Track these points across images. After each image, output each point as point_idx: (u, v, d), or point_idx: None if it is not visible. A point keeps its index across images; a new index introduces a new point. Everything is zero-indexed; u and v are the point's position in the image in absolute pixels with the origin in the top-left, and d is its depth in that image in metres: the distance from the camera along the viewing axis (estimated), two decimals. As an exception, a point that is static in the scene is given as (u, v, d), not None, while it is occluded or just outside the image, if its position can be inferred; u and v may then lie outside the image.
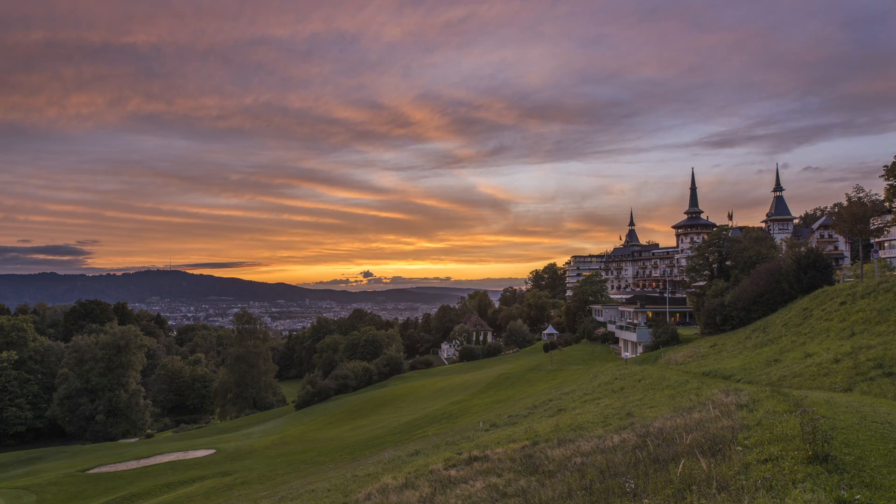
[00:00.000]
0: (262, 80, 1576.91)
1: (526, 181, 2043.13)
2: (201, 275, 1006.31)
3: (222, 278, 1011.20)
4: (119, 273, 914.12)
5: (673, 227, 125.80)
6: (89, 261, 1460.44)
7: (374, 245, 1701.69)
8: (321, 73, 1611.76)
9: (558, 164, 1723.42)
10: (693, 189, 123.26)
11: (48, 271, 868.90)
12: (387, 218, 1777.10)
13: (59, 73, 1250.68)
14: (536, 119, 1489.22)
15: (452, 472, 14.75)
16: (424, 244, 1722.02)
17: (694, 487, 8.08)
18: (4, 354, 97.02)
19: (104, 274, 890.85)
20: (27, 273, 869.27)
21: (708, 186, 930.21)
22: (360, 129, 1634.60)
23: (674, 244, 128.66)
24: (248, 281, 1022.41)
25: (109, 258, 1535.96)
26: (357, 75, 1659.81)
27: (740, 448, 9.41)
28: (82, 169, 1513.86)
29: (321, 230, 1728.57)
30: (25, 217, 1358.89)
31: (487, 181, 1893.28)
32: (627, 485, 9.17)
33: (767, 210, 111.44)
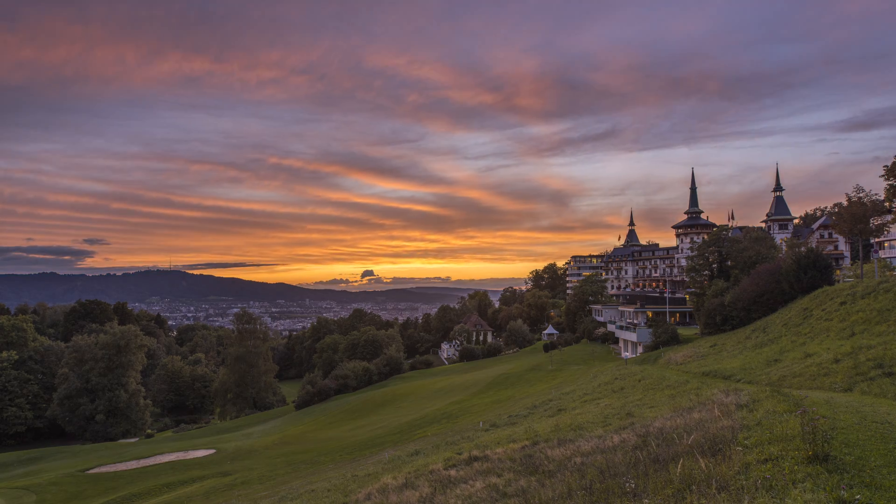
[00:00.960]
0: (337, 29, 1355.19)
1: (610, 170, 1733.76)
2: (201, 275, 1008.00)
3: (222, 278, 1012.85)
4: (119, 273, 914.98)
5: (673, 227, 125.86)
6: (89, 261, 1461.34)
7: (393, 243, 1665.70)
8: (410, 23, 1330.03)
9: (663, 151, 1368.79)
10: (693, 189, 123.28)
11: (48, 271, 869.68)
12: (422, 213, 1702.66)
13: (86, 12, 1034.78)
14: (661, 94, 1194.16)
15: (452, 472, 14.75)
16: (452, 241, 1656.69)
17: (694, 487, 8.08)
18: (4, 354, 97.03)
19: (104, 274, 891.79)
20: (27, 273, 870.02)
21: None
22: (444, 106, 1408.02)
23: (673, 244, 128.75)
24: (248, 281, 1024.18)
25: (110, 257, 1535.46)
26: (453, 36, 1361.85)
27: (740, 448, 9.41)
28: (91, 152, 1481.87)
29: (344, 225, 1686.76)
30: (27, 209, 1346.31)
31: (566, 171, 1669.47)
32: (627, 485, 9.17)
33: (767, 210, 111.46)
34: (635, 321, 71.35)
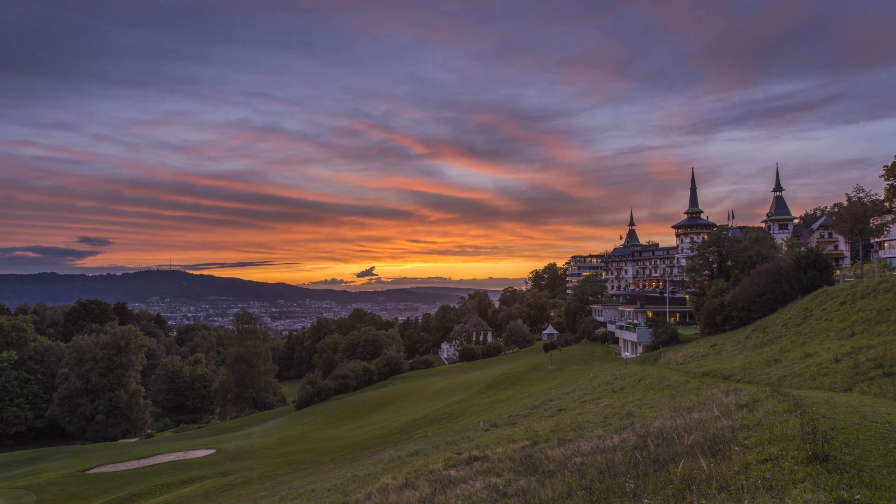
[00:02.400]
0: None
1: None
2: (201, 275, 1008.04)
3: (222, 278, 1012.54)
4: (119, 273, 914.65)
5: (673, 227, 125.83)
6: (89, 260, 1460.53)
7: (439, 238, 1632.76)
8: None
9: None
10: (693, 189, 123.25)
11: (48, 271, 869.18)
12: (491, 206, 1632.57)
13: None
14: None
15: (452, 472, 14.75)
16: (500, 238, 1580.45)
17: (694, 487, 8.08)
18: (4, 354, 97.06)
19: (104, 274, 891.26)
20: (27, 273, 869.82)
21: None
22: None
23: (673, 244, 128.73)
24: (248, 281, 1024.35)
25: (110, 257, 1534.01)
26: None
27: (740, 448, 9.41)
28: (92, 151, 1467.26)
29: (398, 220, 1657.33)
30: (27, 209, 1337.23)
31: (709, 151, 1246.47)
32: (627, 485, 9.17)
33: (767, 210, 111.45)
34: (635, 321, 71.34)
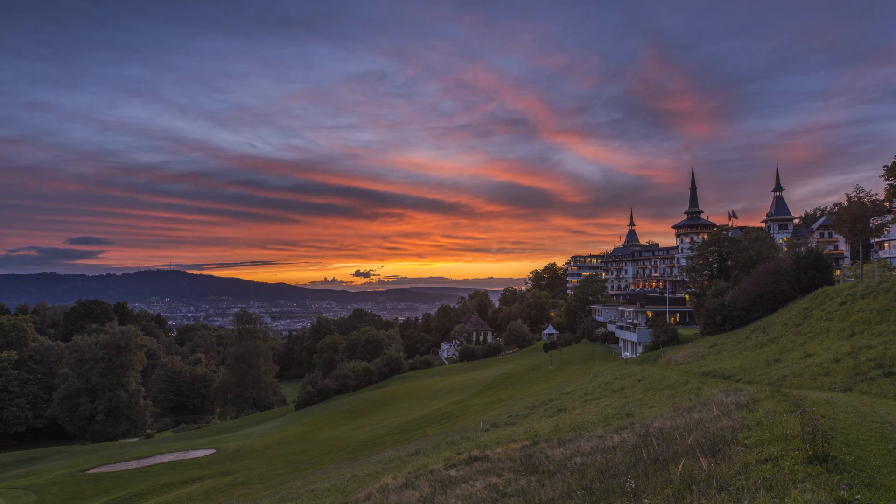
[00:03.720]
0: None
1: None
2: (201, 275, 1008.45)
3: (222, 278, 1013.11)
4: (119, 273, 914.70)
5: (673, 227, 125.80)
6: (90, 261, 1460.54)
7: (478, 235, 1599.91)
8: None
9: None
10: (693, 189, 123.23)
11: (48, 271, 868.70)
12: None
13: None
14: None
15: (452, 472, 14.75)
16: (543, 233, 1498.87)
17: (694, 487, 8.09)
18: (4, 354, 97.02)
19: (104, 274, 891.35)
20: (27, 273, 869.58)
21: None
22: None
23: (673, 244, 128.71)
24: (248, 281, 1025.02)
25: (110, 257, 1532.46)
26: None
27: (740, 448, 9.41)
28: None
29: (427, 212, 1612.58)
30: (27, 210, 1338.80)
31: None
32: (627, 485, 9.17)
33: (767, 210, 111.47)
34: (635, 321, 71.34)
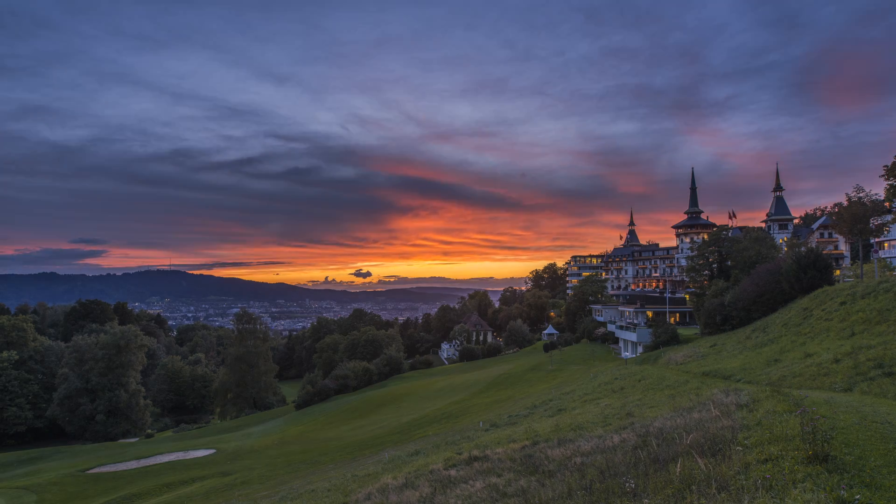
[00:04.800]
0: None
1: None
2: (201, 275, 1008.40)
3: (222, 278, 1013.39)
4: (119, 273, 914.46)
5: (673, 227, 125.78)
6: (89, 261, 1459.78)
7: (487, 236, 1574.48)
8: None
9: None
10: (693, 189, 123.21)
11: (48, 271, 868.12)
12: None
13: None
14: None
15: (452, 472, 14.75)
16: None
17: (694, 487, 8.09)
18: (5, 354, 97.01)
19: (104, 274, 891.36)
20: (27, 273, 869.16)
21: None
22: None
23: (673, 244, 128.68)
24: (248, 281, 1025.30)
25: (110, 257, 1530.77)
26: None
27: (740, 448, 9.41)
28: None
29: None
30: (27, 209, 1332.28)
31: None
32: (627, 485, 9.18)
33: (767, 210, 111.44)
34: (635, 321, 71.33)
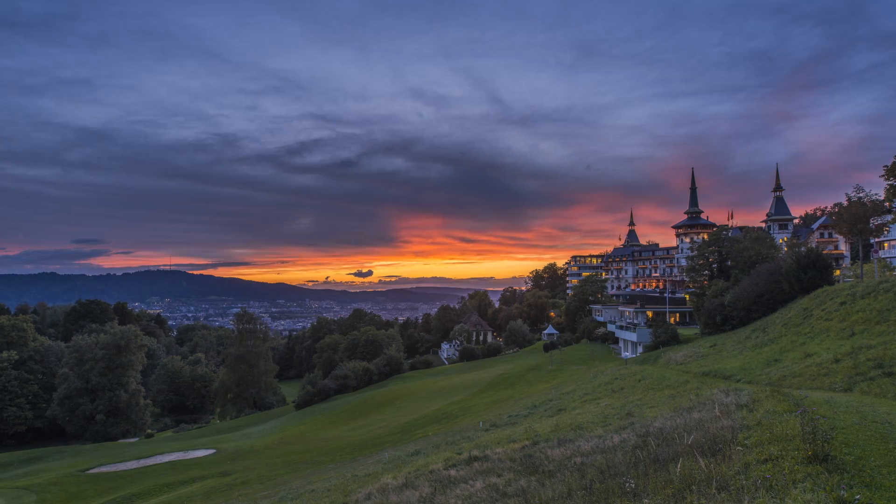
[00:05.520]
0: None
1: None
2: (201, 275, 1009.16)
3: (222, 278, 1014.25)
4: (119, 273, 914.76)
5: (673, 227, 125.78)
6: (89, 261, 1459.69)
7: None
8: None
9: None
10: (693, 189, 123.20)
11: (48, 271, 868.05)
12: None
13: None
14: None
15: (452, 472, 14.75)
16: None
17: (694, 487, 8.08)
18: (4, 354, 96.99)
19: (104, 274, 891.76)
20: (27, 273, 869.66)
21: None
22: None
23: (673, 244, 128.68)
24: (248, 281, 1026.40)
25: (110, 257, 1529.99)
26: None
27: (740, 448, 9.41)
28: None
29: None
30: (28, 208, 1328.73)
31: None
32: (627, 485, 9.17)
33: (767, 210, 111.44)
34: (635, 321, 71.32)
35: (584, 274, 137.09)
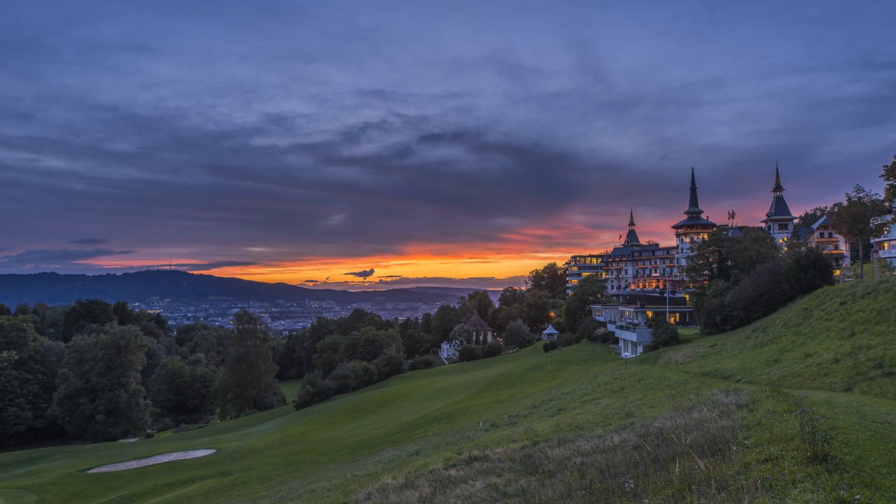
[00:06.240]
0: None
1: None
2: (201, 275, 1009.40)
3: (222, 278, 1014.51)
4: (119, 273, 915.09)
5: (673, 227, 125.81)
6: (90, 260, 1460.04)
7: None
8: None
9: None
10: (693, 189, 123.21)
11: (48, 271, 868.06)
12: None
13: None
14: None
15: (452, 472, 14.75)
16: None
17: (694, 487, 8.09)
18: (4, 354, 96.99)
19: (104, 274, 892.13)
20: (27, 273, 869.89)
21: None
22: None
23: (673, 244, 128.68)
24: (248, 281, 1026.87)
25: (110, 257, 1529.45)
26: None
27: (740, 448, 9.41)
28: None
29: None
30: (28, 208, 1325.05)
31: None
32: (627, 485, 9.17)
33: (767, 210, 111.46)
34: (635, 321, 71.33)
35: (584, 274, 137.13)
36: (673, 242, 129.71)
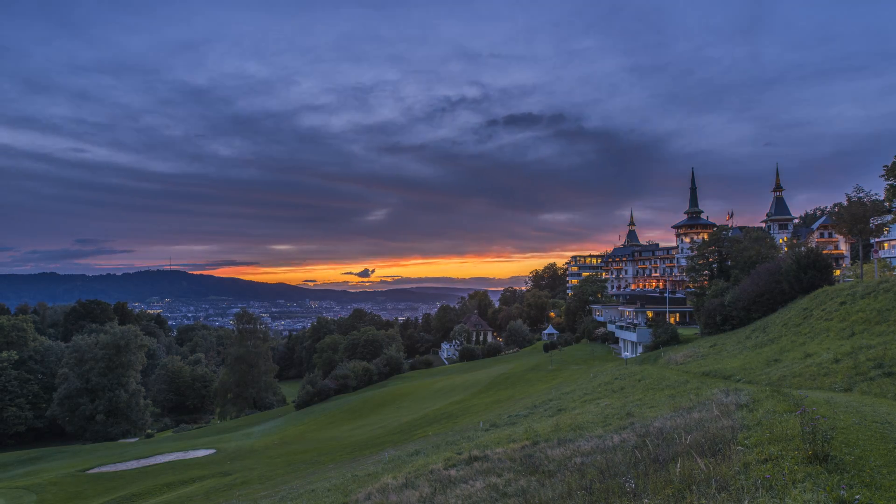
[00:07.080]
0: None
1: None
2: (201, 275, 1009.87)
3: (222, 278, 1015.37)
4: (119, 273, 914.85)
5: (673, 227, 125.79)
6: (90, 260, 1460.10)
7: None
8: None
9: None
10: (693, 189, 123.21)
11: (48, 271, 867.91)
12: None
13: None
14: None
15: (452, 472, 14.75)
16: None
17: (694, 487, 8.09)
18: (4, 354, 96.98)
19: (104, 274, 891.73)
20: (27, 273, 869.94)
21: None
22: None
23: (673, 244, 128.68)
24: (248, 281, 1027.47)
25: (110, 257, 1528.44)
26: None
27: (740, 448, 9.41)
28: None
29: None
30: (28, 208, 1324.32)
31: None
32: (627, 485, 9.18)
33: (767, 210, 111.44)
34: (635, 321, 71.32)
35: (584, 274, 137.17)
36: (672, 242, 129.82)
